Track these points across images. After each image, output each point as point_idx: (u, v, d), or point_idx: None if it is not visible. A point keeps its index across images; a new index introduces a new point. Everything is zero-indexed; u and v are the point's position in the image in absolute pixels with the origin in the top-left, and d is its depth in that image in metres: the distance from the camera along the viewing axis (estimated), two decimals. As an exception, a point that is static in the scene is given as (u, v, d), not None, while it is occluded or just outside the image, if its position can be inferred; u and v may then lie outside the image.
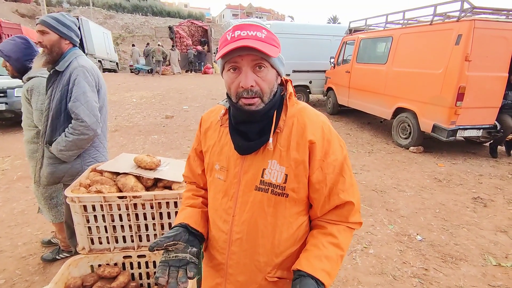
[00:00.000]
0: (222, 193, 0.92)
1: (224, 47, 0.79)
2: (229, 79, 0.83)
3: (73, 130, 1.75)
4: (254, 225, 0.88)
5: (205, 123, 1.02)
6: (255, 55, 0.78)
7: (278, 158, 0.85)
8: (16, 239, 2.74)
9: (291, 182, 0.85)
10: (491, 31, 4.41)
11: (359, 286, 2.27)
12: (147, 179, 1.64)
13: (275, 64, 0.83)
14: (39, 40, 1.78)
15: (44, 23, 1.75)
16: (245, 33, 0.78)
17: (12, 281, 2.24)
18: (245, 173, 0.88)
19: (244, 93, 0.80)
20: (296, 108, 0.90)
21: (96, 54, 15.78)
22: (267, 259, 0.90)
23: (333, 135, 0.89)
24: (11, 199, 3.50)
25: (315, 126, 0.87)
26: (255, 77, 0.80)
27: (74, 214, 1.49)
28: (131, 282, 1.56)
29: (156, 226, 1.57)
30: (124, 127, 6.68)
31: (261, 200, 0.86)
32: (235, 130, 0.89)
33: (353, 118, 8.04)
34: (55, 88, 1.82)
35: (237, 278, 0.92)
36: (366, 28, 7.24)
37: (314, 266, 0.83)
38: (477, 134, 4.91)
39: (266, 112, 0.84)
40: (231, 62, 0.81)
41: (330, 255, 0.85)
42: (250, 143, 0.86)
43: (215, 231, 0.95)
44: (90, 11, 27.38)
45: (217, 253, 0.95)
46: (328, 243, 0.87)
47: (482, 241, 2.82)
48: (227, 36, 0.80)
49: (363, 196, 3.70)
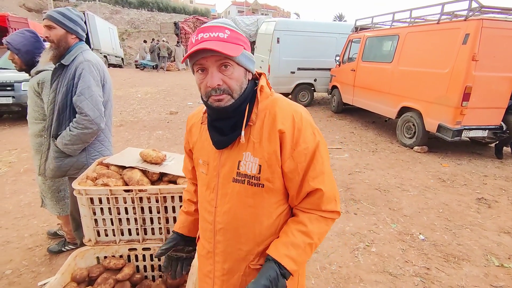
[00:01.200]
0: (205, 186, 0.98)
1: (189, 50, 0.83)
2: (198, 80, 0.86)
3: (77, 124, 1.77)
4: (234, 215, 0.92)
5: (189, 122, 1.09)
6: (218, 56, 0.81)
7: (252, 150, 0.88)
8: (22, 231, 2.79)
9: (265, 173, 0.88)
10: (499, 30, 4.36)
11: (360, 283, 2.29)
12: (153, 173, 1.66)
13: (240, 61, 0.85)
14: (46, 35, 1.79)
15: (51, 18, 1.76)
16: (207, 35, 0.81)
17: (18, 271, 2.28)
18: (223, 166, 0.92)
19: (212, 92, 0.84)
20: (269, 100, 0.92)
21: (102, 49, 15.85)
22: (249, 247, 0.94)
23: (304, 123, 0.89)
24: (18, 191, 3.55)
25: (285, 116, 0.88)
26: (221, 76, 0.83)
27: (81, 207, 1.52)
28: (136, 274, 1.59)
29: (161, 220, 1.59)
30: (129, 122, 6.73)
31: (239, 191, 0.90)
32: (212, 127, 0.93)
33: (357, 116, 8.01)
34: (60, 82, 1.84)
35: (223, 265, 0.97)
36: (372, 26, 7.19)
37: (279, 252, 0.88)
38: (483, 134, 4.88)
39: (237, 107, 0.87)
40: (197, 64, 0.84)
41: (297, 242, 0.89)
42: (224, 138, 0.90)
43: (202, 222, 1.02)
44: (96, 5, 27.43)
45: (206, 243, 1.01)
46: (297, 230, 0.90)
47: (485, 242, 2.81)
48: (192, 39, 0.84)
49: (366, 195, 3.70)
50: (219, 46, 0.78)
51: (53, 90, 1.87)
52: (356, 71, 7.23)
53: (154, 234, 1.64)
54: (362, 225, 3.06)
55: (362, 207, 3.42)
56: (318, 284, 2.27)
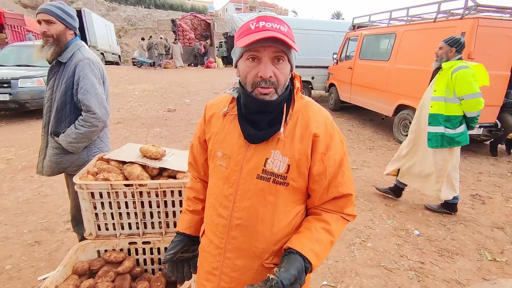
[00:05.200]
0: (223, 179, 0.95)
1: (246, 36, 0.81)
2: (247, 68, 0.84)
3: (84, 122, 1.76)
4: (255, 212, 0.90)
5: (209, 111, 1.04)
6: (277, 48, 0.81)
7: (281, 149, 0.88)
8: (21, 227, 2.80)
9: (292, 172, 0.88)
10: (495, 29, 4.40)
11: (356, 277, 2.33)
12: (153, 169, 1.68)
13: (291, 58, 0.86)
14: (44, 30, 1.70)
15: (50, 12, 1.69)
16: (270, 25, 0.80)
17: (18, 266, 2.30)
18: (248, 161, 0.90)
19: (262, 83, 0.83)
20: (301, 103, 0.93)
21: (98, 46, 15.78)
22: (265, 245, 0.93)
23: (335, 130, 0.93)
24: (16, 188, 3.56)
25: (319, 121, 0.91)
26: (273, 69, 0.83)
27: (82, 201, 1.54)
28: (136, 267, 1.62)
29: (160, 214, 1.62)
30: (127, 120, 6.72)
31: (262, 188, 0.89)
32: (245, 120, 0.91)
33: (355, 114, 8.06)
34: (58, 79, 1.81)
35: (235, 262, 0.95)
36: (369, 24, 7.22)
37: (304, 246, 0.87)
38: (478, 132, 4.93)
39: (278, 103, 0.88)
40: (251, 51, 0.82)
41: (321, 239, 0.90)
42: (261, 133, 0.88)
43: (214, 216, 0.98)
44: (93, 2, 27.22)
45: (215, 238, 0.97)
46: (321, 228, 0.92)
47: (478, 237, 2.87)
48: (251, 25, 0.82)
49: (363, 192, 3.75)
50: (286, 38, 0.78)
51: (49, 87, 1.84)
52: (354, 69, 7.27)
53: (154, 228, 1.66)
54: (359, 221, 3.10)
55: (359, 203, 3.46)
56: (314, 278, 2.31)
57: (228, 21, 18.89)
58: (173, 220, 1.66)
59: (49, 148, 1.90)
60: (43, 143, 1.94)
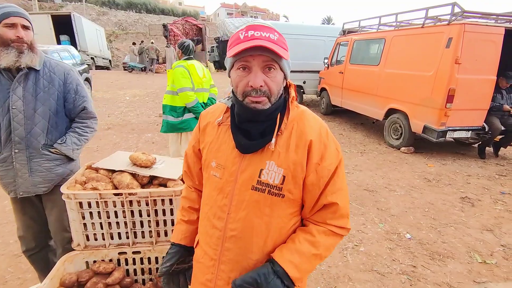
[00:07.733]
0: (217, 190, 0.93)
1: (236, 45, 0.80)
2: (238, 78, 0.84)
3: (88, 129, 1.79)
4: (249, 224, 0.89)
5: (204, 120, 1.02)
6: (267, 56, 0.80)
7: (276, 160, 0.87)
8: (7, 237, 2.72)
9: (288, 184, 0.87)
10: (481, 35, 4.51)
11: (349, 282, 2.33)
12: (143, 177, 1.66)
13: (283, 66, 0.85)
14: (18, 35, 1.48)
15: (26, 16, 1.52)
16: (259, 33, 0.80)
17: (4, 278, 2.24)
18: (242, 172, 0.89)
19: (252, 92, 0.82)
20: (296, 112, 0.92)
21: (88, 51, 15.60)
22: (259, 257, 0.91)
23: (330, 139, 0.92)
24: (2, 196, 3.44)
25: (313, 130, 0.90)
26: (264, 77, 0.82)
27: (70, 211, 1.50)
28: (126, 277, 1.58)
29: (151, 223, 1.59)
30: (117, 125, 6.64)
31: (257, 199, 0.88)
32: (238, 129, 0.90)
33: (346, 118, 8.13)
34: (30, 88, 1.57)
35: (229, 274, 0.93)
36: (359, 29, 7.32)
37: (283, 257, 0.87)
38: (466, 135, 5.03)
39: (271, 113, 0.86)
40: (241, 61, 0.82)
41: (302, 250, 0.88)
42: (253, 142, 0.87)
43: (208, 227, 0.96)
44: (83, 7, 27.01)
45: (209, 249, 0.95)
46: (304, 239, 0.90)
47: (468, 239, 2.90)
48: (240, 34, 0.81)
49: (355, 196, 3.77)
50: (273, 47, 0.78)
51: (18, 97, 1.54)
52: (344, 73, 7.35)
53: (144, 238, 1.63)
54: (351, 225, 3.10)
55: (351, 208, 3.47)
56: (308, 284, 2.30)
57: (220, 26, 18.95)
58: (164, 229, 1.63)
59: (42, 161, 1.64)
60: (20, 159, 1.59)
